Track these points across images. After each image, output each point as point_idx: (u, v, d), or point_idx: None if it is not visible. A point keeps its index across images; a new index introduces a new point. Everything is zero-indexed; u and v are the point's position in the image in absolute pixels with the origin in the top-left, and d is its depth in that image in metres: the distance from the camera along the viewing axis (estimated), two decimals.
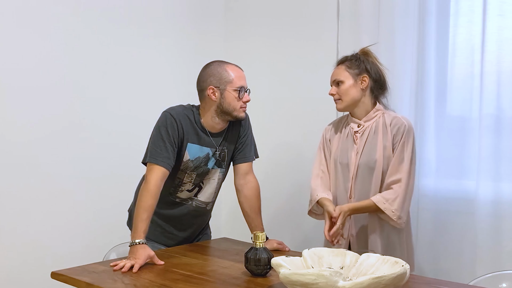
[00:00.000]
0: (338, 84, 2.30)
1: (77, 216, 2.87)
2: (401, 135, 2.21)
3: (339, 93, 2.30)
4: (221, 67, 2.25)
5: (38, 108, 2.71)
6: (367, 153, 2.26)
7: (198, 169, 2.30)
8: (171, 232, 2.39)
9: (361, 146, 2.27)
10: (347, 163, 2.30)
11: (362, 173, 2.27)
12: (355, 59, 2.31)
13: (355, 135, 2.30)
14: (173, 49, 3.27)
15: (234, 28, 3.52)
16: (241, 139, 2.38)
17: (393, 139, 2.22)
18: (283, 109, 3.29)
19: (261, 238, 1.93)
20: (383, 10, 2.72)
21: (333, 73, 2.34)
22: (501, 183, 2.43)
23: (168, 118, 2.23)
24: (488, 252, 2.44)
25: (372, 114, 2.30)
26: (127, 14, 3.04)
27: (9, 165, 2.63)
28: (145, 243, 2.05)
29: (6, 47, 2.60)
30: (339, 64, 2.34)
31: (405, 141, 2.21)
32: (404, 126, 2.22)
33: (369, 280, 1.53)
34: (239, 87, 2.22)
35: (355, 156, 2.28)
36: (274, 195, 3.04)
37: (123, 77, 3.03)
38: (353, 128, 2.32)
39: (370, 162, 2.24)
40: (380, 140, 2.24)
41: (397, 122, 2.23)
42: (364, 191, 2.27)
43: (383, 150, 2.23)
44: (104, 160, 2.96)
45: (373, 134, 2.27)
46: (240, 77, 2.24)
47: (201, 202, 2.39)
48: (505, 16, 2.40)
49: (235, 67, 2.27)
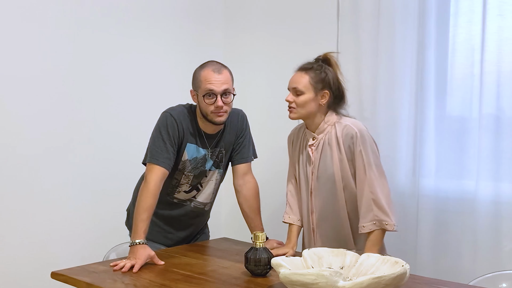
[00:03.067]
0: (296, 93, 2.19)
1: (77, 216, 2.87)
2: (354, 144, 2.13)
3: (296, 103, 2.19)
4: (198, 70, 2.20)
5: (38, 109, 2.71)
6: (323, 168, 2.19)
7: (195, 170, 2.30)
8: (169, 232, 2.39)
9: (317, 160, 2.21)
10: (306, 177, 2.25)
11: (321, 188, 2.21)
12: (319, 70, 2.18)
13: (311, 148, 2.23)
14: (172, 48, 3.27)
15: (234, 28, 3.52)
16: (239, 139, 2.38)
17: (346, 150, 2.15)
18: (282, 109, 3.28)
19: (261, 238, 1.93)
20: (383, 10, 2.72)
21: (294, 79, 2.21)
22: (501, 183, 2.43)
23: (168, 119, 2.23)
24: (488, 252, 2.44)
25: (323, 126, 2.20)
26: (126, 14, 3.03)
27: (9, 165, 2.63)
28: (145, 243, 2.05)
29: (5, 48, 2.60)
30: (302, 71, 2.20)
31: (361, 148, 2.12)
32: (355, 133, 2.13)
33: (369, 280, 1.53)
34: (207, 92, 2.15)
35: (311, 172, 2.23)
36: (274, 195, 3.04)
37: (122, 77, 3.03)
38: (308, 141, 2.25)
39: (328, 176, 2.18)
40: (335, 152, 2.17)
41: (348, 131, 2.14)
42: (326, 205, 2.22)
43: (339, 163, 2.16)
44: (104, 160, 2.95)
45: (327, 146, 2.19)
46: (208, 81, 2.14)
47: (199, 203, 2.39)
48: (505, 16, 2.40)
49: (209, 71, 2.16)
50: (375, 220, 2.11)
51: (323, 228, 2.25)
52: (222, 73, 2.17)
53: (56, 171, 2.78)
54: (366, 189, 2.12)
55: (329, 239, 2.24)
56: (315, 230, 2.26)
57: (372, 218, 2.11)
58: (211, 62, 2.22)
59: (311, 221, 2.26)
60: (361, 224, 2.14)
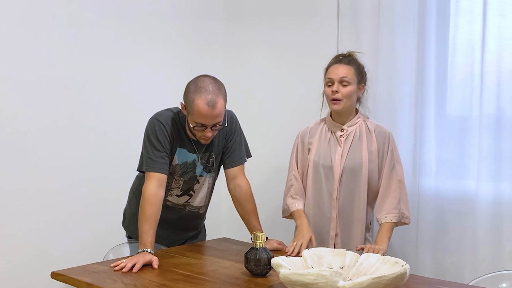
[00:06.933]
0: (343, 84, 2.25)
1: (77, 216, 2.86)
2: (388, 142, 2.30)
3: (342, 93, 2.25)
4: (193, 95, 2.07)
5: (36, 111, 2.71)
6: (352, 157, 2.29)
7: (185, 175, 2.29)
8: (165, 233, 2.38)
9: (346, 150, 2.30)
10: (331, 166, 2.31)
11: (347, 176, 2.30)
12: (358, 64, 2.32)
13: (340, 139, 2.31)
14: (171, 51, 3.27)
15: (234, 29, 3.51)
16: (228, 143, 2.35)
17: (379, 145, 2.30)
18: (282, 109, 3.29)
19: (261, 238, 1.93)
20: (383, 10, 2.72)
21: (341, 71, 2.26)
22: (501, 183, 2.43)
23: (156, 124, 2.21)
24: (488, 252, 2.44)
25: (355, 120, 2.33)
26: (125, 16, 3.03)
27: (9, 165, 2.63)
28: (151, 253, 2.05)
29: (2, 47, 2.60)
30: (346, 64, 2.28)
31: (392, 148, 2.31)
32: (388, 133, 2.32)
33: (369, 280, 1.53)
34: (197, 124, 2.11)
35: (340, 159, 2.29)
36: (273, 195, 3.04)
37: (121, 79, 3.02)
38: (335, 132, 2.33)
39: (356, 165, 2.28)
40: (365, 144, 2.29)
41: (380, 129, 2.32)
42: (349, 194, 2.31)
43: (368, 154, 2.28)
44: (104, 160, 2.95)
45: (358, 138, 2.31)
46: (201, 116, 2.07)
47: (193, 207, 2.39)
48: (505, 16, 2.40)
49: (203, 105, 2.05)
50: (399, 213, 2.27)
51: (345, 215, 2.32)
52: (216, 107, 2.06)
53: (55, 171, 2.78)
54: (394, 184, 2.28)
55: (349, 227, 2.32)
56: (337, 217, 2.32)
57: (397, 211, 2.26)
58: (206, 87, 2.08)
59: (333, 208, 2.32)
60: (382, 215, 2.28)
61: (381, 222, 2.27)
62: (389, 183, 2.30)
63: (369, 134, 2.31)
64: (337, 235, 2.33)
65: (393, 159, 2.30)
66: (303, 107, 3.16)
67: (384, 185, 2.30)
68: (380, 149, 2.29)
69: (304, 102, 3.14)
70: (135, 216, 2.22)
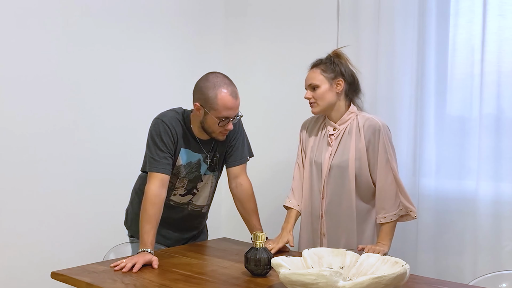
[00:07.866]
0: (313, 88, 2.30)
1: (77, 216, 2.87)
2: (378, 135, 2.23)
3: (314, 97, 2.30)
4: (213, 90, 2.12)
5: (37, 111, 2.71)
6: (339, 155, 2.28)
7: (189, 175, 2.29)
8: (167, 233, 2.38)
9: (335, 148, 2.30)
10: (321, 163, 2.31)
11: (334, 174, 2.28)
12: (329, 63, 2.30)
13: (330, 137, 2.32)
14: (172, 50, 3.27)
15: (234, 29, 3.52)
16: (231, 142, 2.36)
17: (368, 140, 2.24)
18: (282, 109, 3.29)
19: (261, 238, 1.93)
20: (383, 10, 2.72)
21: (308, 77, 2.33)
22: (501, 183, 2.43)
23: (160, 125, 2.22)
24: (489, 252, 2.44)
25: (346, 117, 2.30)
26: (125, 15, 3.03)
27: (9, 166, 2.63)
28: (151, 253, 2.05)
29: (3, 47, 2.60)
30: (314, 67, 2.32)
31: (384, 141, 2.23)
32: (380, 125, 2.24)
33: (369, 280, 1.53)
34: (223, 117, 2.15)
35: (329, 157, 2.30)
36: (273, 195, 3.04)
37: (121, 79, 3.03)
38: (329, 131, 2.33)
39: (342, 163, 2.27)
40: (353, 142, 2.26)
41: (371, 123, 2.25)
42: (336, 192, 2.29)
43: (355, 152, 2.25)
44: (104, 160, 2.95)
45: (347, 135, 2.29)
46: (227, 108, 2.13)
47: (196, 206, 2.39)
48: (505, 16, 2.40)
49: (227, 96, 2.12)
50: (402, 206, 2.24)
51: (331, 215, 2.30)
52: (238, 97, 2.16)
53: (56, 171, 2.78)
54: (390, 178, 2.24)
55: (336, 226, 2.30)
56: (323, 216, 2.31)
57: (399, 205, 2.24)
58: (223, 81, 2.15)
59: (321, 207, 2.31)
60: (382, 215, 2.25)
61: (381, 222, 2.26)
62: (385, 179, 2.25)
63: (358, 130, 2.27)
64: (324, 234, 2.32)
65: (386, 153, 2.23)
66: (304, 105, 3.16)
67: (381, 182, 2.25)
68: (370, 143, 2.23)
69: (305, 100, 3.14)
70: (137, 215, 2.22)
